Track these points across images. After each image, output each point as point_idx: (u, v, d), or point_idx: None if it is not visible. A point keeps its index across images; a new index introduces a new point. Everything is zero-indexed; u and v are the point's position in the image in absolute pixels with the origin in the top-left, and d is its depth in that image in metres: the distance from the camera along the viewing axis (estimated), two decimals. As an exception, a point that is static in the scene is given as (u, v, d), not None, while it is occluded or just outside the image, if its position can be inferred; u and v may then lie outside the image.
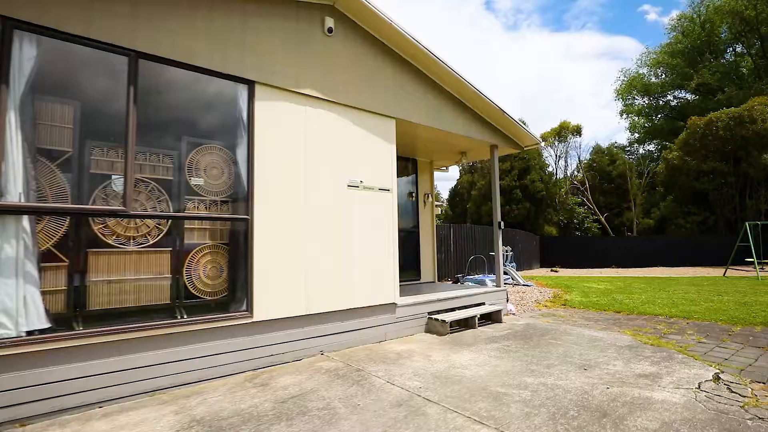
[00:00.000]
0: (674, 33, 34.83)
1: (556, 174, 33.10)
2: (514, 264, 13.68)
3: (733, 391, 3.38)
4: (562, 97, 77.64)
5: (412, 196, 8.30)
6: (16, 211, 3.06)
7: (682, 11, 34.66)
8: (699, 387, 3.48)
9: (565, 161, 34.69)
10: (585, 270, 20.68)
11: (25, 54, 3.16)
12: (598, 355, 4.55)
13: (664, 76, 36.13)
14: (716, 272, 16.60)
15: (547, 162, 30.62)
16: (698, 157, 23.22)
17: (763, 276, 13.88)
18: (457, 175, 32.16)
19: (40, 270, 3.23)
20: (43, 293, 3.23)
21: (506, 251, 13.22)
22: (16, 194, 3.05)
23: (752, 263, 14.67)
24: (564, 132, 30.83)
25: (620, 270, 20.45)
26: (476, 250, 15.09)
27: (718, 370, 3.93)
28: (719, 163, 22.50)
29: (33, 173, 3.23)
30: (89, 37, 3.37)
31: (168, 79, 4.00)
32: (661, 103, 37.17)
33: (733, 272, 15.98)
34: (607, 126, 64.76)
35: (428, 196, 8.64)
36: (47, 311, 3.22)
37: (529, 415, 2.97)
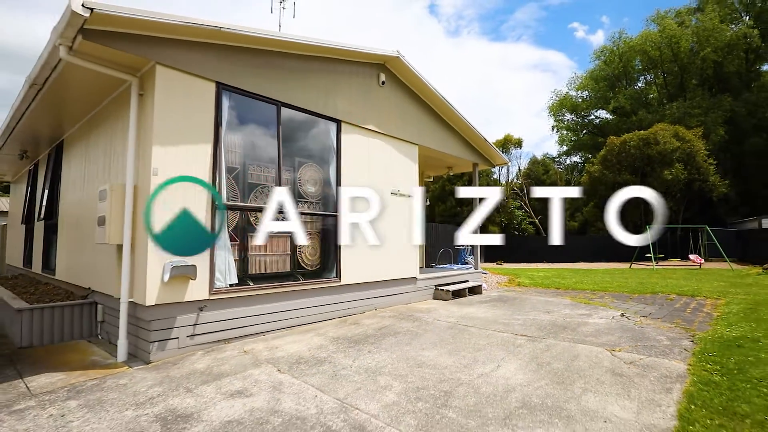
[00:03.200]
0: (598, 61, 40.50)
1: (500, 180, 37.13)
2: (472, 256, 16.35)
3: (629, 319, 5.99)
4: (498, 105, 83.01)
5: (411, 199, 10.50)
6: (227, 207, 4.80)
7: (605, 44, 40.38)
8: (612, 318, 6.06)
9: (507, 169, 38.93)
10: (524, 264, 24.22)
11: (225, 104, 4.89)
12: (553, 308, 7.07)
13: (589, 98, 41.73)
14: (624, 265, 20.73)
15: (492, 170, 34.40)
16: (614, 170, 27.92)
17: (657, 268, 17.92)
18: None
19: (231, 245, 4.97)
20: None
21: (468, 246, 15.85)
22: (225, 197, 4.79)
23: (650, 258, 18.77)
24: (507, 144, 34.86)
25: (552, 264, 24.23)
26: (440, 244, 17.64)
27: (622, 312, 6.58)
28: (631, 176, 27.26)
29: (225, 183, 4.96)
30: (257, 93, 5.16)
31: (288, 119, 5.81)
32: (585, 120, 42.87)
33: (636, 265, 20.12)
34: (538, 134, 71.38)
35: (428, 201, 10.89)
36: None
37: (526, 328, 5.31)
